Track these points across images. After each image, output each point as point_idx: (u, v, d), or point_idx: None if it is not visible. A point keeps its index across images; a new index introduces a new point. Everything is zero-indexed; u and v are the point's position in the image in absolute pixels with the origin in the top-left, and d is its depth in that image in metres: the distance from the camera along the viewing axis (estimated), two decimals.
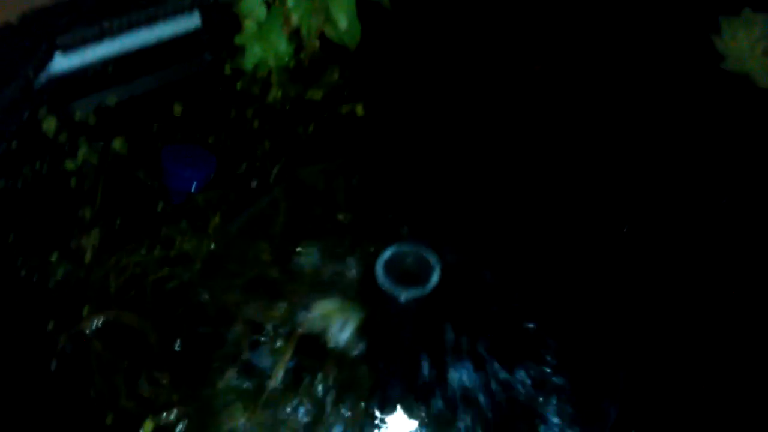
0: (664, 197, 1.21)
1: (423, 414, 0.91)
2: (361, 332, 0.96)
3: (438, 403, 0.91)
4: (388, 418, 0.92)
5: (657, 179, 1.23)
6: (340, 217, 1.11)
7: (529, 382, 0.90)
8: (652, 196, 1.21)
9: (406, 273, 0.81)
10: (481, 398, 0.90)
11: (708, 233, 1.16)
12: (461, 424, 0.90)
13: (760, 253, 1.13)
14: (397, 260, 0.80)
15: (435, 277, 0.79)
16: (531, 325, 0.96)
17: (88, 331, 1.01)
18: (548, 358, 0.92)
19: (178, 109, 1.32)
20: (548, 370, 0.91)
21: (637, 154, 1.27)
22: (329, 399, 0.93)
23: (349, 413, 0.92)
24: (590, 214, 1.17)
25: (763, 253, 1.13)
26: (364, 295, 0.98)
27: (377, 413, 0.92)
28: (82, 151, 1.23)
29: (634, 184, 1.23)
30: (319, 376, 0.95)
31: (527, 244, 1.05)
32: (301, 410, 0.93)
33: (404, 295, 0.78)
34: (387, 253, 0.81)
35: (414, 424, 0.91)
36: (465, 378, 0.91)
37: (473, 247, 1.01)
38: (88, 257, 1.10)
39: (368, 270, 1.00)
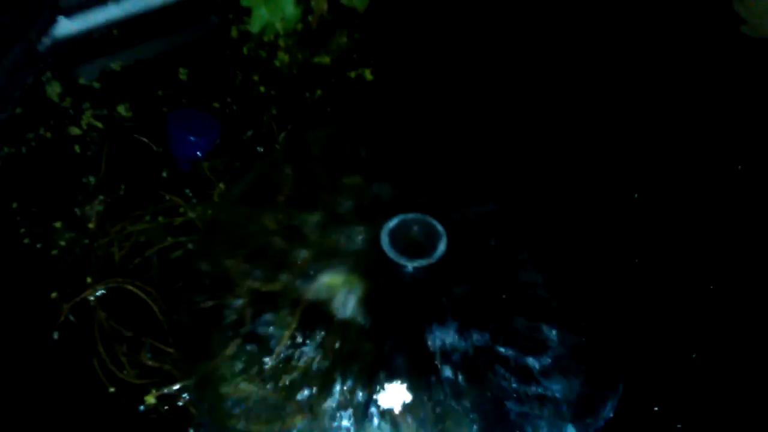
0: (679, 165, 1.18)
1: (428, 385, 0.90)
2: (367, 302, 0.94)
3: (444, 375, 0.89)
4: (394, 389, 0.90)
5: (672, 147, 1.20)
6: (346, 182, 1.08)
7: (538, 354, 0.88)
8: (666, 163, 1.18)
9: (413, 242, 0.79)
10: (489, 370, 0.88)
11: (722, 200, 1.13)
12: (467, 395, 0.88)
13: None
14: (403, 229, 0.78)
15: (442, 246, 0.76)
16: (541, 295, 0.93)
17: (91, 301, 1.01)
18: (557, 331, 0.90)
19: (183, 73, 1.30)
20: (557, 345, 0.89)
21: (651, 121, 1.23)
22: (334, 370, 0.92)
23: (355, 384, 0.91)
24: (601, 182, 1.14)
25: None
26: (370, 265, 0.96)
27: (383, 384, 0.91)
28: (87, 117, 1.22)
29: (648, 152, 1.19)
30: (324, 347, 0.93)
31: (539, 211, 1.02)
32: (306, 381, 0.92)
33: (411, 265, 0.75)
34: (392, 222, 0.78)
35: (419, 394, 0.89)
36: (471, 349, 0.89)
37: (483, 215, 0.99)
38: (92, 225, 1.09)
39: (374, 238, 0.98)
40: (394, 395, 0.90)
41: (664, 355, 0.98)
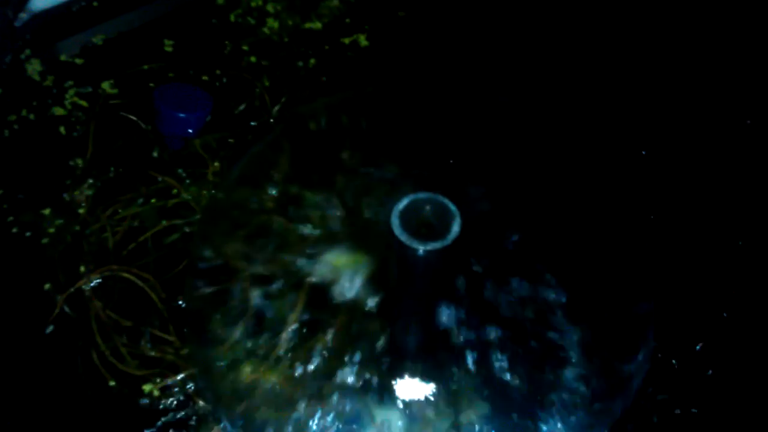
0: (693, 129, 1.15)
1: (440, 366, 0.87)
2: (374, 282, 0.90)
3: (455, 357, 0.86)
4: (405, 371, 0.87)
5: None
6: (347, 157, 1.04)
7: (553, 335, 0.85)
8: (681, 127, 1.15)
9: (424, 223, 0.75)
10: (502, 352, 0.86)
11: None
12: (480, 376, 0.86)
13: None
14: (414, 210, 0.74)
15: (456, 227, 0.72)
16: (557, 278, 0.90)
17: (86, 290, 0.97)
18: (573, 317, 0.87)
19: (169, 45, 1.24)
20: (572, 331, 0.87)
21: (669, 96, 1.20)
22: (342, 352, 0.89)
23: (364, 366, 0.88)
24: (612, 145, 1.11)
25: None
26: (376, 243, 0.92)
27: (393, 365, 0.88)
28: (70, 96, 1.16)
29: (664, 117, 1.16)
30: (331, 330, 0.90)
31: (550, 183, 0.99)
32: (312, 366, 0.89)
33: (423, 248, 0.72)
34: (403, 203, 0.74)
35: (431, 375, 0.86)
36: (485, 330, 0.86)
37: (492, 190, 0.95)
38: (82, 211, 1.04)
39: (379, 215, 0.94)
40: (405, 376, 0.87)
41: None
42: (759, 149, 1.13)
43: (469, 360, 0.87)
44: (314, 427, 0.84)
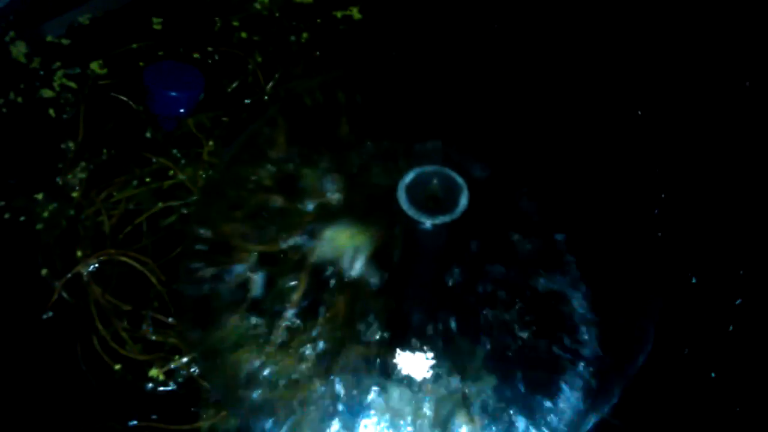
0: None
1: (446, 341, 0.86)
2: (377, 259, 0.89)
3: (462, 331, 0.86)
4: (412, 348, 0.87)
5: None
6: (345, 133, 1.02)
7: (563, 308, 0.84)
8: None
9: (431, 197, 0.73)
10: (510, 325, 0.85)
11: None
12: (486, 350, 0.85)
13: None
14: (421, 183, 0.72)
15: (464, 200, 0.71)
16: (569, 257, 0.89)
17: (84, 276, 0.95)
18: (582, 293, 0.86)
19: (157, 23, 1.21)
20: (581, 307, 0.86)
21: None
22: (348, 331, 0.88)
23: (371, 345, 0.87)
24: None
25: None
26: (378, 219, 0.91)
27: (400, 343, 0.87)
28: (58, 77, 1.14)
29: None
30: (334, 308, 0.89)
31: (555, 156, 0.97)
32: (320, 344, 0.88)
33: (430, 222, 0.70)
34: (409, 176, 0.72)
35: (439, 352, 0.86)
36: (493, 304, 0.86)
37: (497, 163, 0.93)
38: (76, 194, 1.02)
39: (379, 191, 0.93)
40: (412, 353, 0.86)
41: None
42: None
43: (477, 333, 0.86)
44: (319, 407, 0.83)
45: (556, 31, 1.23)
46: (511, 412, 0.81)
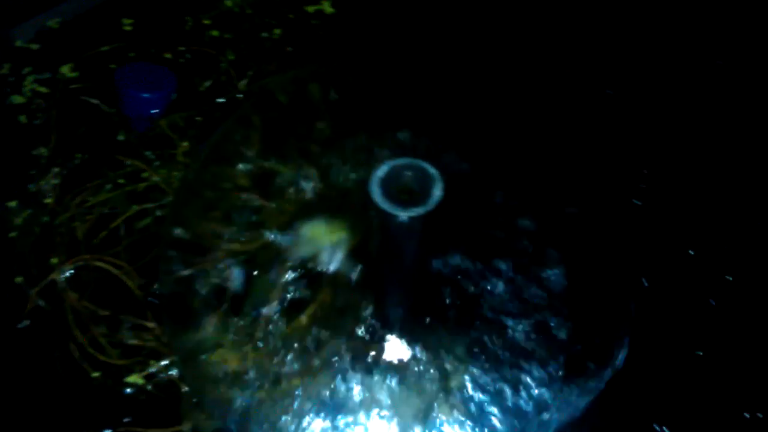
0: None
1: (427, 333, 0.85)
2: (354, 254, 0.88)
3: (442, 323, 0.85)
4: (392, 340, 0.86)
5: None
6: (320, 128, 1.01)
7: (539, 301, 0.84)
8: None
9: (405, 189, 0.72)
10: (490, 315, 0.84)
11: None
12: (465, 345, 0.84)
13: None
14: (394, 176, 0.71)
15: (437, 192, 0.70)
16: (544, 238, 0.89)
17: (60, 282, 0.94)
18: (559, 280, 0.86)
19: (128, 24, 1.20)
20: (558, 294, 0.85)
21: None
22: (329, 326, 0.87)
23: (351, 338, 0.86)
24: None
25: None
26: (355, 214, 0.90)
27: (381, 335, 0.86)
28: (29, 83, 1.12)
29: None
30: (314, 304, 0.88)
31: (531, 150, 0.97)
32: (301, 341, 0.87)
33: (405, 215, 0.69)
34: (382, 170, 0.71)
35: (417, 346, 0.85)
36: (471, 297, 0.85)
37: (472, 155, 0.93)
38: (50, 201, 1.01)
39: (355, 185, 0.92)
40: (394, 345, 0.86)
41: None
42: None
43: (457, 324, 0.86)
44: (302, 403, 0.83)
45: (524, 18, 1.23)
46: (490, 400, 0.81)
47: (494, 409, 0.82)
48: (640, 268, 0.95)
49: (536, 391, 0.82)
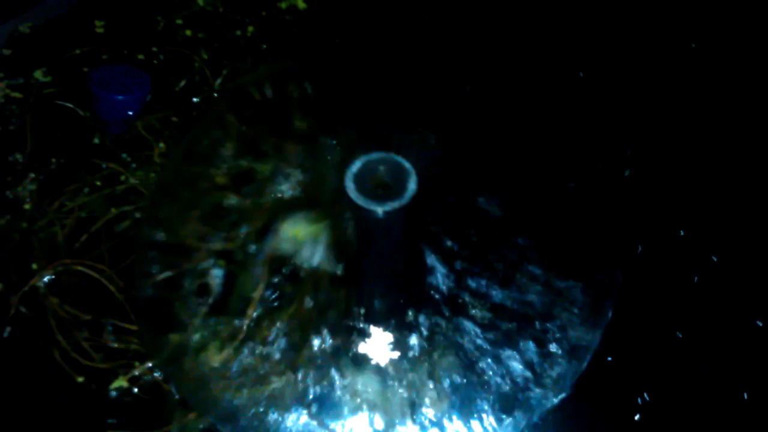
0: None
1: (410, 325, 0.86)
2: (335, 250, 0.89)
3: (424, 317, 0.86)
4: (375, 334, 0.86)
5: None
6: (296, 125, 1.01)
7: (517, 289, 0.85)
8: None
9: (380, 184, 0.73)
10: (469, 308, 0.85)
11: None
12: (448, 335, 0.85)
13: None
14: (368, 171, 0.71)
15: (412, 185, 0.70)
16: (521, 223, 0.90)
17: (41, 288, 0.93)
18: (539, 258, 0.87)
19: (100, 26, 1.19)
20: (541, 272, 0.86)
21: None
22: (311, 322, 0.87)
23: (335, 334, 0.87)
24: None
25: None
26: (334, 209, 0.90)
27: (364, 330, 0.87)
28: (2, 88, 1.11)
29: None
30: (298, 300, 0.88)
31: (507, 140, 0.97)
32: (284, 339, 0.87)
33: (381, 209, 0.69)
34: (356, 165, 0.71)
35: (402, 336, 0.85)
36: (452, 287, 0.86)
37: (447, 147, 0.93)
38: (28, 206, 1.00)
39: (334, 180, 0.92)
40: (377, 340, 0.86)
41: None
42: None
43: (441, 314, 0.86)
44: (288, 401, 0.83)
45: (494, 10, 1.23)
46: (476, 390, 0.82)
47: (482, 396, 0.83)
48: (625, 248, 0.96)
49: (521, 375, 0.83)
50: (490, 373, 0.84)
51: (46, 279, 0.94)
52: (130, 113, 1.07)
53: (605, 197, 0.94)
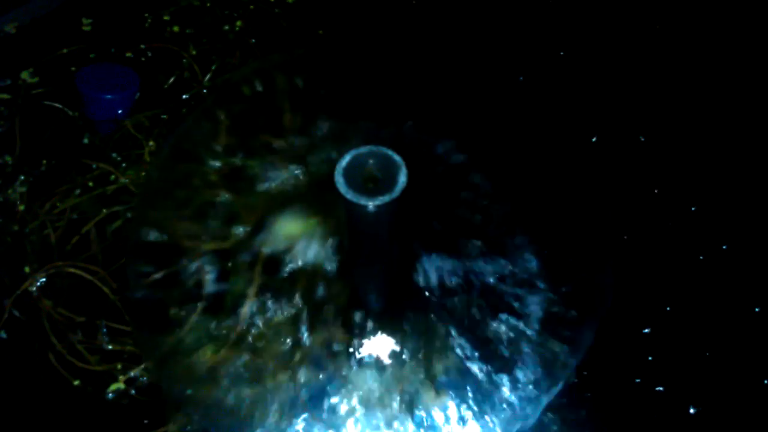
0: None
1: (407, 321, 0.85)
2: (329, 246, 0.88)
3: (417, 311, 0.85)
4: (373, 329, 0.86)
5: None
6: (287, 120, 1.00)
7: (513, 280, 0.85)
8: None
9: (371, 178, 0.72)
10: (463, 301, 0.84)
11: None
12: (442, 329, 0.84)
13: None
14: (358, 165, 0.70)
15: (402, 178, 0.69)
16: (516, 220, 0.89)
17: (34, 291, 0.93)
18: (532, 252, 0.86)
19: (87, 24, 1.18)
20: (534, 266, 0.86)
21: None
22: (308, 319, 0.87)
23: (332, 329, 0.86)
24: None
25: None
26: (326, 205, 0.89)
27: (361, 325, 0.86)
28: None
29: None
30: (293, 297, 0.87)
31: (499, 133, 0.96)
32: (281, 336, 0.86)
33: (372, 204, 0.68)
34: (345, 160, 0.70)
35: (393, 333, 0.85)
36: (446, 281, 0.85)
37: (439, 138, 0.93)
38: (19, 208, 0.99)
39: (326, 176, 0.91)
40: (373, 337, 0.86)
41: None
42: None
43: (437, 311, 0.85)
44: (286, 399, 0.82)
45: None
46: (473, 386, 0.81)
47: (480, 394, 0.82)
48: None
49: (520, 369, 0.83)
50: (489, 370, 0.83)
51: (39, 282, 0.93)
52: (120, 112, 1.06)
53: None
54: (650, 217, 0.99)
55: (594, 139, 1.04)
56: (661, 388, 0.88)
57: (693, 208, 0.99)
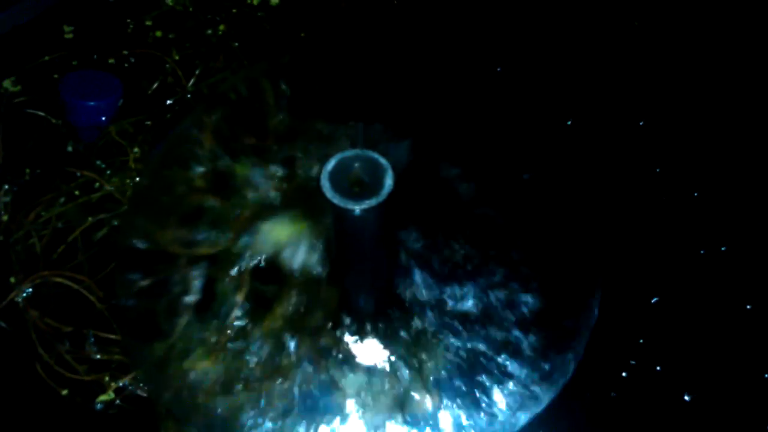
0: None
1: (392, 326, 0.85)
2: (317, 250, 0.88)
3: (407, 315, 0.85)
4: (362, 333, 0.85)
5: None
6: (273, 125, 0.99)
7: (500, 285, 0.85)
8: None
9: (357, 182, 0.71)
10: (451, 305, 0.84)
11: None
12: (431, 332, 0.84)
13: None
14: (343, 169, 0.70)
15: (389, 181, 0.69)
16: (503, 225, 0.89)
17: (20, 302, 0.92)
18: (519, 256, 0.86)
19: (68, 31, 1.17)
20: (522, 271, 0.85)
21: None
22: (298, 324, 0.86)
23: (321, 334, 0.86)
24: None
25: None
26: (314, 209, 0.89)
27: (350, 329, 0.86)
28: None
29: None
30: (280, 304, 0.87)
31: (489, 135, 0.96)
32: (270, 341, 0.86)
33: (358, 208, 0.68)
34: (330, 163, 0.70)
35: (384, 337, 0.85)
36: (433, 286, 0.85)
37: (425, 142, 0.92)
38: (3, 218, 0.99)
39: (314, 180, 0.91)
40: (363, 340, 0.85)
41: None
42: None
43: (427, 314, 0.85)
44: (277, 404, 0.82)
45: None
46: (466, 388, 0.81)
47: (472, 394, 0.82)
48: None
49: (511, 370, 0.83)
50: (480, 371, 0.83)
51: (25, 292, 0.92)
52: (103, 119, 1.05)
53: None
54: (650, 217, 1.00)
55: (570, 123, 1.04)
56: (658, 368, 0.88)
57: (692, 210, 1.00)
